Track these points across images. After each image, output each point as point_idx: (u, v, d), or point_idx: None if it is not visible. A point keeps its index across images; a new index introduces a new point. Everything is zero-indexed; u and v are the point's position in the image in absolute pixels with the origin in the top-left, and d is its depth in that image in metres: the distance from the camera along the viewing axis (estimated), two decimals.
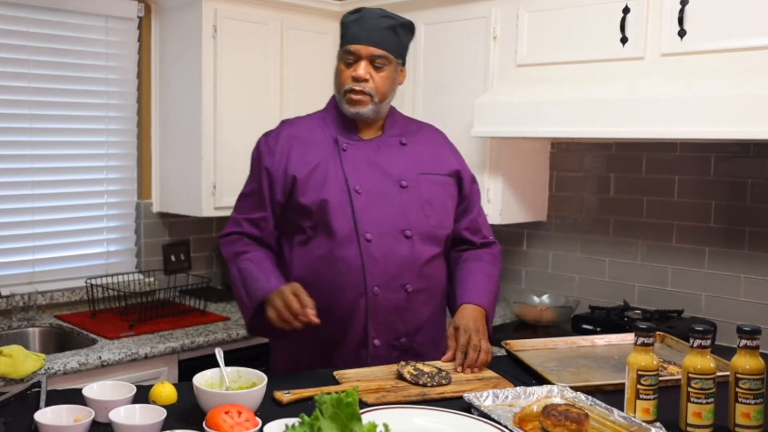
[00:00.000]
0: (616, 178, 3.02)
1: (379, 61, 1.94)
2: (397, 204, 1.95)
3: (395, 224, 1.94)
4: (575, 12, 2.67)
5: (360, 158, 1.98)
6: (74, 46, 3.10)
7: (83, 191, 3.20)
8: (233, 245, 2.04)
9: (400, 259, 1.94)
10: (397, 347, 1.98)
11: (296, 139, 2.01)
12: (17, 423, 1.46)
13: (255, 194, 2.03)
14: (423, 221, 1.97)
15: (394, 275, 1.93)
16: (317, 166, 1.96)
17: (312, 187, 1.94)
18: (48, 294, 3.07)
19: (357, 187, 1.94)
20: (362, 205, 1.93)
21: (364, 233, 1.91)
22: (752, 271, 2.67)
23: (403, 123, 2.10)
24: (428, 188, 2.00)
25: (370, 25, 1.93)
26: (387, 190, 1.96)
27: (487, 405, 1.56)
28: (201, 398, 1.48)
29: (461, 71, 3.03)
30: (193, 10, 3.08)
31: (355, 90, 1.94)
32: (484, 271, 2.05)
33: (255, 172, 2.05)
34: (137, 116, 3.32)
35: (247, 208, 2.04)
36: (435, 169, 2.03)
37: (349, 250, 1.92)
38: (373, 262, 1.92)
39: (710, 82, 2.26)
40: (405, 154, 2.02)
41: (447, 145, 2.13)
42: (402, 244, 1.94)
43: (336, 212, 1.92)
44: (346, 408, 1.13)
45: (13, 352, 2.27)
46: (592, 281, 3.11)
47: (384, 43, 1.94)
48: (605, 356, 2.02)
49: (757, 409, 1.47)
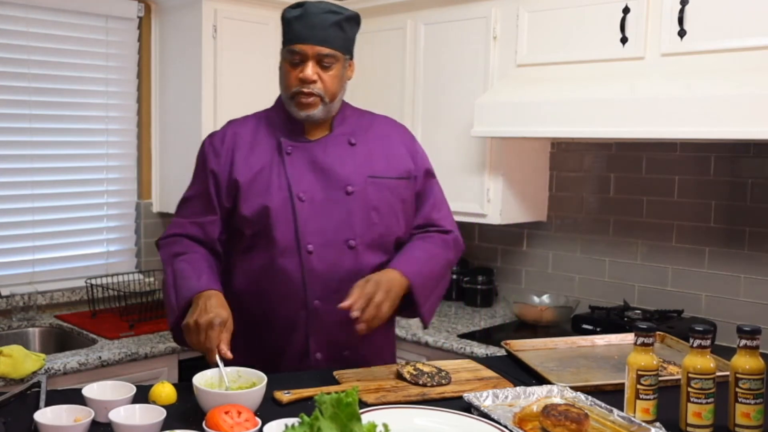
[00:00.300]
0: (616, 178, 3.02)
1: (327, 60, 1.83)
2: (342, 212, 1.86)
3: (339, 234, 1.85)
4: (575, 12, 2.67)
5: (305, 162, 1.88)
6: (74, 46, 3.11)
7: (83, 191, 3.20)
8: (172, 246, 1.91)
9: (343, 272, 1.84)
10: (341, 360, 1.89)
11: (241, 141, 1.91)
12: (17, 423, 1.46)
13: (200, 197, 1.92)
14: (369, 229, 1.87)
15: (336, 288, 1.82)
16: (261, 171, 1.87)
17: (254, 193, 1.85)
18: (48, 294, 3.07)
19: (301, 194, 1.84)
20: (306, 215, 1.84)
21: (306, 244, 1.83)
22: (752, 271, 2.67)
23: (355, 118, 1.98)
24: (376, 193, 1.88)
25: (314, 22, 1.81)
26: (332, 197, 1.86)
27: (487, 405, 1.56)
28: (201, 398, 1.48)
29: (461, 71, 3.03)
30: (193, 10, 3.08)
31: (303, 92, 1.83)
32: (424, 248, 1.91)
33: (199, 175, 1.94)
34: (137, 116, 3.32)
35: (193, 212, 1.93)
36: (385, 171, 1.91)
37: (290, 261, 1.84)
38: (313, 275, 1.83)
39: (710, 82, 2.26)
40: (353, 155, 1.91)
41: (401, 141, 2.00)
42: (345, 255, 1.85)
43: (278, 221, 1.83)
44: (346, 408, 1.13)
45: (13, 352, 2.27)
46: (592, 281, 3.11)
47: (331, 40, 1.83)
48: (605, 356, 2.02)
49: (757, 409, 1.47)
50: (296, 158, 1.88)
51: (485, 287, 3.31)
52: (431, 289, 1.88)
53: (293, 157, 1.88)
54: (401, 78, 3.23)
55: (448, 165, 3.08)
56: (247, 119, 1.99)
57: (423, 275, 1.84)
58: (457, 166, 3.05)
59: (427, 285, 1.85)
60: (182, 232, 1.92)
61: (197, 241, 1.91)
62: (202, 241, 1.91)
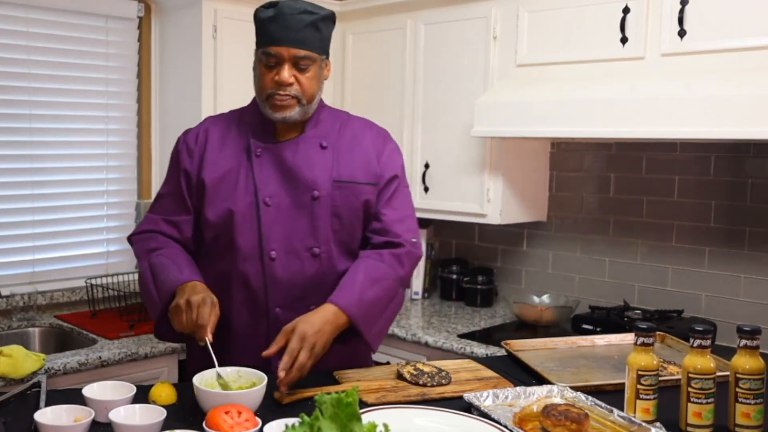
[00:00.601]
0: (616, 178, 3.02)
1: (304, 63, 1.78)
2: (307, 218, 1.82)
3: (303, 241, 1.82)
4: (575, 12, 2.67)
5: (274, 165, 1.84)
6: (74, 46, 3.11)
7: (83, 191, 3.20)
8: (147, 242, 1.89)
9: (306, 280, 1.82)
10: None
11: (212, 140, 1.88)
12: (17, 423, 1.46)
13: (174, 196, 1.90)
14: (332, 236, 1.84)
15: (299, 296, 1.81)
16: (228, 172, 1.84)
17: (219, 196, 1.83)
18: (48, 294, 3.07)
19: (267, 199, 1.81)
20: (270, 220, 1.81)
21: (269, 251, 1.80)
22: (752, 271, 2.67)
23: (329, 120, 1.92)
24: (340, 198, 1.84)
25: (290, 23, 1.76)
26: (298, 202, 1.82)
27: (487, 405, 1.56)
28: (201, 398, 1.48)
29: (461, 71, 3.03)
30: (193, 10, 3.08)
31: (279, 95, 1.78)
32: (368, 272, 1.79)
33: (173, 173, 1.92)
34: (137, 116, 3.32)
35: (166, 210, 1.91)
36: (353, 176, 1.86)
37: (252, 267, 1.81)
38: (275, 282, 1.81)
39: (710, 82, 2.26)
40: (323, 158, 1.86)
41: (372, 144, 1.93)
42: (309, 263, 1.82)
43: (242, 226, 1.81)
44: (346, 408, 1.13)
45: (13, 352, 2.27)
46: (592, 281, 3.11)
47: (307, 42, 1.78)
48: (605, 356, 2.02)
49: (757, 409, 1.47)
50: (265, 160, 1.85)
51: (485, 287, 3.31)
52: (376, 316, 1.79)
53: (262, 159, 1.85)
54: (401, 78, 3.23)
55: (448, 165, 3.08)
56: (222, 117, 1.97)
57: (365, 304, 1.74)
58: (457, 166, 3.05)
59: (370, 313, 1.76)
60: (156, 229, 1.90)
61: (172, 239, 1.90)
62: (176, 239, 1.90)
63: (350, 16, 3.42)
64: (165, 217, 1.90)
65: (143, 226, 1.94)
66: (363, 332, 1.75)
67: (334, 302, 1.72)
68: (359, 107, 3.36)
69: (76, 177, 3.17)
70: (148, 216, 1.95)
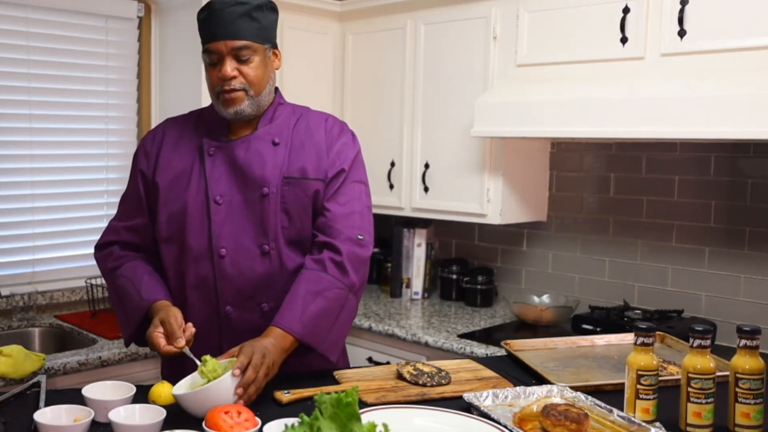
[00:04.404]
0: (616, 178, 3.02)
1: (244, 54, 1.77)
2: (257, 216, 1.81)
3: (252, 238, 1.81)
4: (575, 12, 2.67)
5: (225, 163, 1.83)
6: (74, 46, 3.11)
7: (83, 191, 3.20)
8: (106, 261, 1.91)
9: (256, 277, 1.81)
10: None
11: (167, 141, 1.89)
12: (17, 423, 1.46)
13: (133, 199, 1.91)
14: (281, 233, 1.82)
15: (249, 294, 1.80)
16: (181, 174, 1.84)
17: (172, 197, 1.83)
18: (48, 294, 3.07)
19: (218, 197, 1.81)
20: (221, 218, 1.80)
21: (219, 249, 1.80)
22: (752, 271, 2.67)
23: (285, 117, 1.89)
24: (290, 194, 1.82)
25: (222, 18, 1.76)
26: (248, 200, 1.81)
27: (486, 405, 1.56)
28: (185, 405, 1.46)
29: (461, 71, 3.03)
30: (192, 10, 3.06)
31: (225, 90, 1.78)
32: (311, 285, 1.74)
33: (132, 175, 1.92)
34: (137, 116, 3.32)
35: (126, 214, 1.92)
36: (302, 171, 1.83)
37: (202, 266, 1.81)
38: (226, 280, 1.80)
39: (710, 82, 2.26)
40: (275, 155, 1.84)
41: (325, 138, 1.89)
42: (259, 260, 1.81)
43: (192, 225, 1.81)
44: (345, 408, 1.13)
45: (13, 352, 2.27)
46: (592, 281, 3.11)
47: (242, 32, 1.77)
48: (605, 356, 2.02)
49: (757, 409, 1.47)
50: (217, 159, 1.84)
51: (485, 287, 3.31)
52: (326, 329, 1.75)
53: (214, 158, 1.85)
54: (401, 78, 3.23)
55: (448, 165, 3.08)
56: (180, 118, 1.97)
57: (308, 320, 1.70)
58: (457, 166, 3.05)
59: (318, 328, 1.73)
60: (117, 239, 1.92)
61: (133, 247, 1.91)
62: (138, 246, 1.91)
63: (350, 16, 3.42)
64: (125, 223, 1.92)
65: (104, 237, 1.95)
66: (314, 347, 1.73)
67: (278, 324, 1.69)
68: (359, 107, 3.36)
69: (76, 177, 3.17)
70: (110, 224, 1.96)
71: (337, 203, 1.84)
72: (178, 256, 1.85)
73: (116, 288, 1.86)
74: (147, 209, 1.89)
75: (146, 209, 1.89)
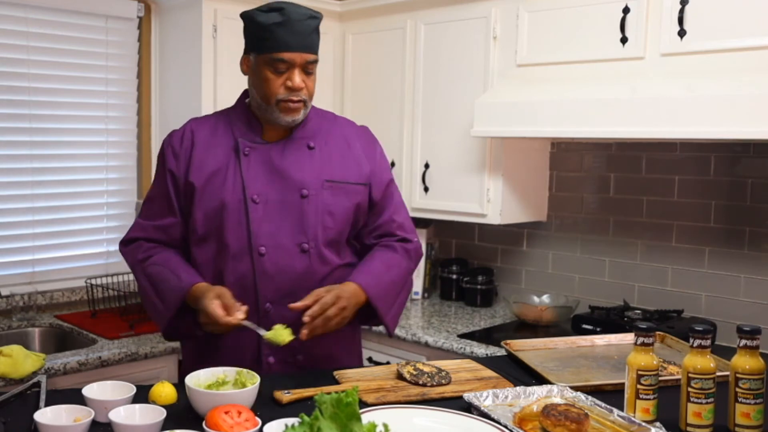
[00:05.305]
0: (616, 178, 3.02)
1: (311, 67, 1.83)
2: (296, 215, 1.84)
3: (292, 237, 1.84)
4: (575, 12, 2.67)
5: (262, 164, 1.86)
6: (74, 46, 3.11)
7: (83, 191, 3.20)
8: (135, 252, 1.91)
9: (295, 275, 1.84)
10: (294, 365, 1.88)
11: (198, 141, 1.89)
12: (17, 423, 1.46)
13: (161, 198, 1.90)
14: (322, 233, 1.86)
15: (288, 291, 1.82)
16: (216, 172, 1.85)
17: (208, 196, 1.84)
18: (48, 294, 3.07)
19: (255, 196, 1.83)
20: (259, 216, 1.83)
21: (258, 246, 1.82)
22: (752, 271, 2.67)
23: (316, 121, 1.94)
24: (332, 197, 1.88)
25: (299, 29, 1.78)
26: (287, 200, 1.85)
27: (487, 405, 1.56)
28: (193, 399, 1.47)
29: (461, 71, 3.03)
30: (193, 10, 3.08)
31: (292, 100, 1.81)
32: (383, 258, 1.91)
33: (160, 175, 1.92)
34: (137, 116, 3.32)
35: (154, 214, 1.92)
36: (343, 176, 1.90)
37: (242, 263, 1.83)
38: (265, 277, 1.82)
39: (710, 82, 2.26)
40: (312, 159, 1.89)
41: (361, 146, 1.98)
42: (298, 258, 1.84)
43: (230, 223, 1.83)
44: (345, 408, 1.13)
45: (13, 352, 2.27)
46: (592, 281, 3.11)
47: (314, 46, 1.83)
48: (605, 356, 2.02)
49: (757, 409, 1.47)
50: (253, 160, 1.87)
51: (485, 287, 3.31)
52: (393, 299, 1.89)
53: (250, 158, 1.87)
54: (401, 78, 3.23)
55: (448, 165, 3.08)
56: (208, 118, 1.98)
57: (382, 286, 1.85)
58: (457, 166, 3.05)
59: (388, 295, 1.86)
60: (144, 236, 1.92)
61: (162, 244, 1.92)
62: (166, 244, 1.92)
63: (350, 16, 3.42)
64: (153, 222, 1.92)
65: (132, 233, 1.95)
66: (381, 313, 1.84)
67: (355, 281, 1.80)
68: (359, 107, 3.36)
69: (76, 177, 3.17)
70: (136, 221, 1.97)
71: (393, 208, 1.99)
72: (215, 254, 1.86)
73: (148, 275, 1.85)
74: (176, 209, 1.89)
75: (176, 209, 1.89)
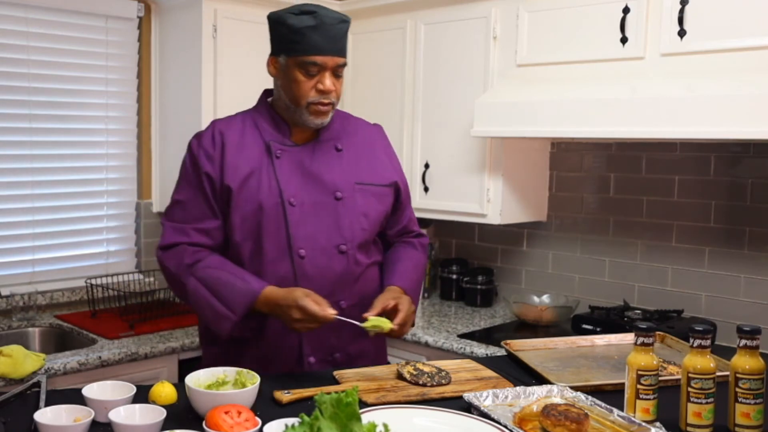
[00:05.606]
0: (616, 178, 3.02)
1: (341, 70, 1.85)
2: (332, 217, 1.87)
3: (330, 239, 1.86)
4: (575, 12, 2.67)
5: (294, 166, 1.87)
6: (74, 46, 3.11)
7: (83, 191, 3.20)
8: (179, 256, 1.86)
9: (334, 276, 1.87)
10: (332, 362, 1.91)
11: (229, 143, 1.87)
12: (17, 423, 1.46)
13: (198, 202, 1.87)
14: (358, 234, 1.90)
15: (329, 292, 1.83)
16: (250, 175, 1.85)
17: (244, 199, 1.84)
18: (48, 294, 3.07)
19: (291, 199, 1.84)
20: (296, 219, 1.84)
21: (298, 249, 1.83)
22: (752, 271, 2.67)
23: (339, 123, 1.97)
24: (364, 200, 1.91)
25: (332, 33, 1.81)
26: (320, 202, 1.87)
27: (486, 405, 1.56)
28: (193, 399, 1.47)
29: (461, 71, 3.03)
30: (193, 10, 3.08)
31: (322, 102, 1.83)
32: (412, 258, 2.04)
33: (192, 178, 1.88)
34: (137, 116, 3.32)
35: (193, 217, 1.88)
36: (371, 178, 1.95)
37: (281, 267, 1.84)
38: (306, 279, 1.83)
39: (710, 82, 2.26)
40: (340, 161, 1.92)
41: (384, 150, 2.04)
42: (337, 259, 1.87)
43: (268, 226, 1.83)
44: (345, 408, 1.13)
45: (13, 352, 2.27)
46: (592, 281, 3.11)
47: (344, 50, 1.85)
48: (605, 356, 2.02)
49: (757, 409, 1.47)
50: (284, 162, 1.87)
51: (485, 287, 3.31)
52: (418, 295, 2.02)
53: (282, 160, 1.87)
54: (401, 78, 3.23)
55: (448, 165, 3.08)
56: (233, 119, 1.96)
57: (414, 286, 1.97)
58: (457, 166, 3.05)
59: (416, 293, 1.98)
60: (186, 240, 1.87)
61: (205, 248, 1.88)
62: (210, 248, 1.88)
63: (350, 15, 3.41)
64: (193, 225, 1.87)
65: (171, 237, 1.88)
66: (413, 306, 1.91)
67: (396, 284, 1.90)
68: (359, 107, 3.36)
69: (76, 177, 3.17)
70: (172, 225, 1.89)
71: (409, 212, 2.09)
72: (251, 256, 1.86)
73: (203, 279, 1.81)
74: (217, 212, 1.87)
75: (217, 211, 1.87)
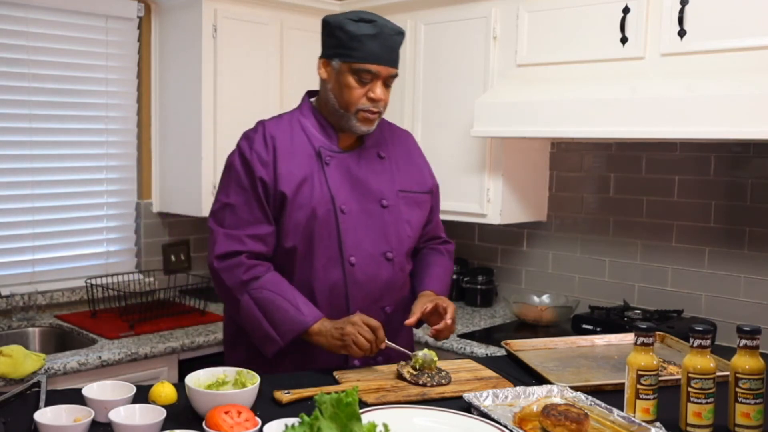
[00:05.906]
0: (616, 178, 3.02)
1: (391, 80, 1.87)
2: (379, 225, 1.91)
3: (378, 246, 1.90)
4: (575, 12, 2.67)
5: (342, 173, 1.90)
6: (74, 46, 3.11)
7: (83, 191, 3.20)
8: (236, 272, 1.83)
9: (382, 283, 1.91)
10: (373, 364, 1.91)
11: (280, 147, 1.87)
12: (17, 423, 1.46)
13: (252, 207, 1.85)
14: (404, 242, 1.95)
15: (376, 298, 1.90)
16: (303, 182, 1.85)
17: (298, 206, 1.84)
18: (48, 294, 3.07)
19: (342, 206, 1.86)
20: (347, 226, 1.86)
21: (349, 256, 1.87)
22: (752, 271, 2.67)
23: (379, 130, 1.98)
24: (407, 208, 1.96)
25: (390, 44, 1.83)
26: (367, 210, 1.90)
27: (486, 405, 1.56)
28: (193, 399, 1.47)
29: (461, 71, 3.03)
30: (193, 10, 3.08)
31: (372, 110, 1.85)
32: (442, 264, 2.08)
33: (245, 181, 1.85)
34: (137, 116, 3.32)
35: (246, 222, 1.85)
36: (412, 186, 1.99)
37: (333, 273, 1.87)
38: (356, 286, 1.88)
39: (710, 82, 2.26)
40: (384, 168, 1.96)
41: (419, 156, 2.08)
42: (384, 267, 1.91)
43: (320, 233, 1.85)
44: (345, 408, 1.13)
45: (13, 352, 2.27)
46: (592, 281, 3.11)
47: (398, 61, 1.88)
48: (605, 356, 2.02)
49: (757, 409, 1.47)
50: (333, 168, 1.90)
51: (485, 287, 3.31)
52: None
53: (332, 167, 1.90)
54: (401, 78, 3.22)
55: (448, 165, 3.08)
56: (281, 122, 1.94)
57: (446, 290, 2.05)
58: (457, 166, 3.05)
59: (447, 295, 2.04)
60: (243, 249, 1.84)
61: (260, 256, 1.86)
62: (264, 255, 1.87)
63: None
64: (247, 231, 1.85)
65: (226, 245, 1.85)
66: None
67: (432, 289, 1.98)
68: None
69: (76, 177, 3.17)
70: (224, 232, 1.86)
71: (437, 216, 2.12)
72: (303, 263, 1.87)
73: (257, 300, 1.81)
74: (271, 217, 1.86)
75: (270, 217, 1.86)
